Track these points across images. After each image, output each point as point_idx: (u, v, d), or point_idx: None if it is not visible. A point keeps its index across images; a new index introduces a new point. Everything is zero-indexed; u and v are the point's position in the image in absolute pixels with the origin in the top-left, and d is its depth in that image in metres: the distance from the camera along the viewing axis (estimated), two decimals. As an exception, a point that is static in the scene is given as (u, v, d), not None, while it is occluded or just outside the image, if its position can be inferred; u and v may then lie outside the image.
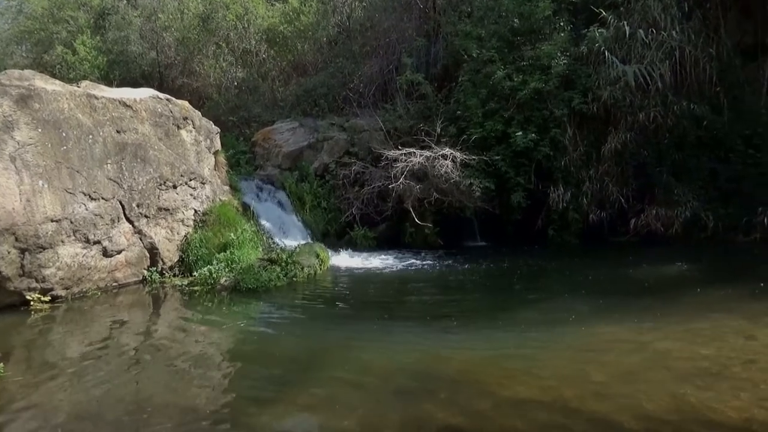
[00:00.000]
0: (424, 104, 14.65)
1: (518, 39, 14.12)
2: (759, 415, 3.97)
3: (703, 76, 13.08)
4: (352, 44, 17.56)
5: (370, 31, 17.47)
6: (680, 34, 12.93)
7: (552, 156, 13.07)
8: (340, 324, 7.26)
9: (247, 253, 10.02)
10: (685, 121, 12.99)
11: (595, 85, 13.06)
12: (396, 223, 13.33)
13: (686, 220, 12.42)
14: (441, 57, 15.67)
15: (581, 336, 6.19)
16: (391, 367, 5.50)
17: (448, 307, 8.07)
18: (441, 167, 12.27)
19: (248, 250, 10.13)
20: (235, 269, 9.33)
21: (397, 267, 11.01)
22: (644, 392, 4.51)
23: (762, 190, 12.44)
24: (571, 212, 12.98)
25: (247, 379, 5.45)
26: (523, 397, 4.61)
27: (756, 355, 5.24)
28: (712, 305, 7.23)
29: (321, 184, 13.76)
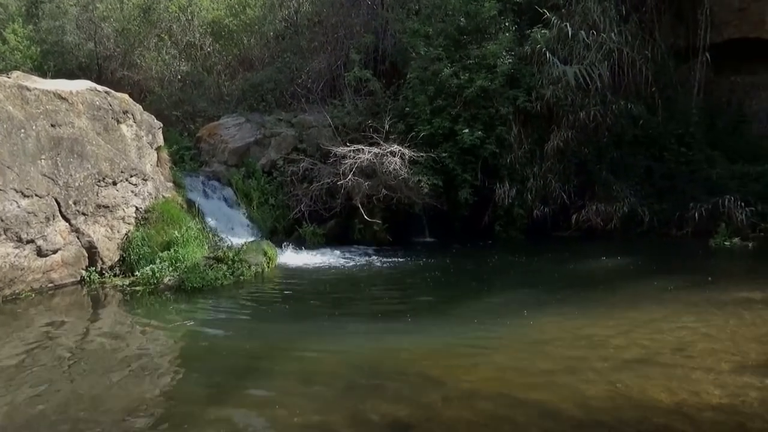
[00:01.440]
0: (373, 101, 14.68)
1: (465, 38, 14.33)
2: (689, 400, 4.18)
3: (640, 77, 13.67)
4: (299, 39, 17.37)
5: (318, 26, 17.33)
6: (618, 36, 13.46)
7: (498, 153, 13.35)
8: (289, 321, 7.18)
9: (192, 251, 9.75)
10: (623, 120, 13.55)
11: (538, 84, 13.43)
12: (345, 219, 13.29)
13: (624, 215, 12.96)
14: (389, 54, 15.73)
15: (527, 328, 6.35)
16: (341, 363, 5.49)
17: (398, 303, 8.12)
18: (390, 164, 12.32)
19: (193, 249, 9.86)
20: (180, 268, 9.06)
21: (347, 263, 10.99)
22: (585, 381, 4.67)
23: (693, 186, 13.15)
24: (516, 208, 13.31)
25: (193, 379, 5.31)
26: (471, 388, 4.69)
27: (687, 343, 5.51)
28: (647, 295, 7.58)
29: (269, 181, 13.54)
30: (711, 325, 6.02)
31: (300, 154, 13.77)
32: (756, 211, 12.20)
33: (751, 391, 4.28)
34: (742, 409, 4.00)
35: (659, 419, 3.94)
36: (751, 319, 6.20)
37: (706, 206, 12.35)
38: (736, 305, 6.78)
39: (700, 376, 4.60)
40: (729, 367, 4.80)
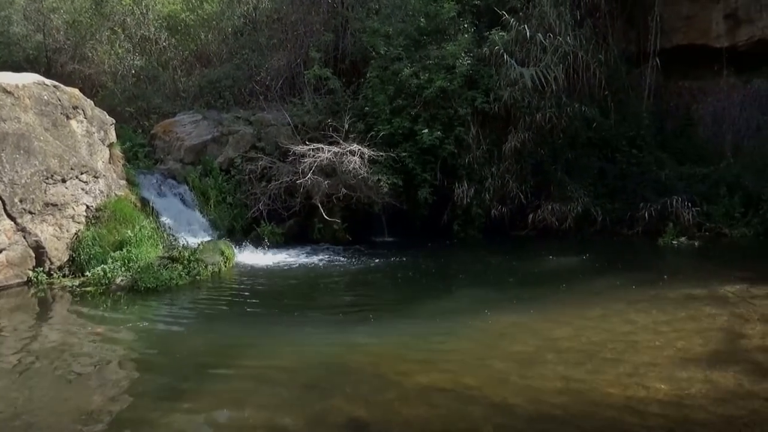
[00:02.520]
0: (333, 99, 14.61)
1: (424, 38, 14.42)
2: (638, 393, 4.32)
3: (593, 81, 14.04)
4: (258, 36, 17.13)
5: (278, 23, 17.12)
6: (573, 40, 13.79)
7: (457, 153, 13.49)
8: (247, 322, 7.09)
9: (146, 251, 9.51)
10: (577, 122, 13.88)
11: (496, 86, 13.62)
12: (304, 218, 13.19)
13: (578, 214, 13.29)
14: (349, 53, 15.67)
15: (484, 325, 6.45)
16: (299, 362, 5.46)
17: (357, 302, 8.13)
18: (349, 163, 12.29)
19: (147, 248, 9.61)
20: (133, 268, 8.83)
21: (306, 263, 10.91)
22: (539, 376, 4.78)
23: (643, 187, 13.60)
24: (474, 208, 13.47)
25: (147, 381, 5.19)
26: (428, 385, 4.74)
27: (636, 338, 5.70)
28: (600, 293, 7.81)
29: (226, 179, 13.31)
30: (658, 321, 6.25)
31: (258, 152, 13.57)
32: (701, 211, 12.72)
33: (695, 383, 4.46)
34: (687, 401, 4.16)
35: (609, 413, 4.07)
36: (696, 314, 6.46)
37: (656, 206, 12.80)
38: (682, 301, 7.05)
39: (647, 371, 4.76)
40: (675, 361, 4.99)
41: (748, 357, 5.04)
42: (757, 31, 15.75)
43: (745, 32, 15.95)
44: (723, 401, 4.12)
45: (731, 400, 4.13)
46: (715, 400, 4.15)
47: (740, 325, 5.99)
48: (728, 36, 16.16)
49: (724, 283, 7.88)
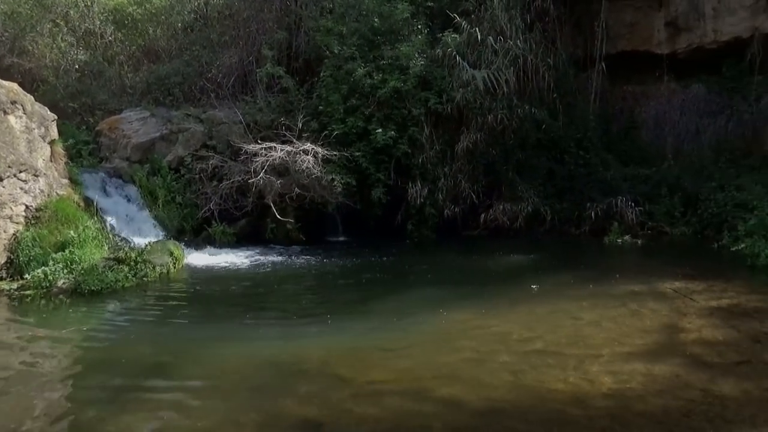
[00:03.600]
0: (286, 98, 14.47)
1: (378, 38, 14.45)
2: (583, 387, 4.46)
3: (543, 84, 14.40)
4: (209, 32, 16.79)
5: (229, 20, 16.83)
6: (523, 44, 14.12)
7: (410, 153, 13.58)
8: (197, 324, 6.92)
9: (90, 252, 9.16)
10: (527, 124, 14.21)
11: (449, 87, 13.79)
12: (257, 218, 13.00)
13: (528, 214, 13.61)
14: (303, 51, 15.56)
15: (436, 324, 6.51)
16: (251, 365, 5.37)
17: (312, 302, 8.08)
18: (302, 162, 12.20)
19: (91, 249, 9.26)
20: (76, 270, 8.49)
21: (259, 264, 10.75)
22: (488, 372, 4.86)
23: (590, 187, 14.05)
24: (428, 207, 13.59)
25: (89, 388, 4.98)
26: (380, 385, 4.75)
27: (582, 334, 5.88)
28: (548, 291, 8.01)
29: (175, 178, 12.98)
30: (603, 317, 6.46)
31: (209, 150, 13.29)
32: (644, 211, 13.24)
33: (637, 376, 4.63)
34: (628, 393, 4.32)
35: (556, 406, 4.17)
36: (638, 310, 6.71)
37: (601, 206, 13.26)
38: (625, 298, 7.31)
39: (591, 364, 4.91)
40: (618, 355, 5.16)
41: (685, 350, 5.26)
42: (695, 39, 16.52)
43: (685, 40, 16.70)
44: (662, 392, 4.30)
45: (669, 391, 4.31)
46: (654, 392, 4.32)
47: (679, 320, 6.26)
48: (669, 43, 16.89)
49: (664, 279, 8.22)
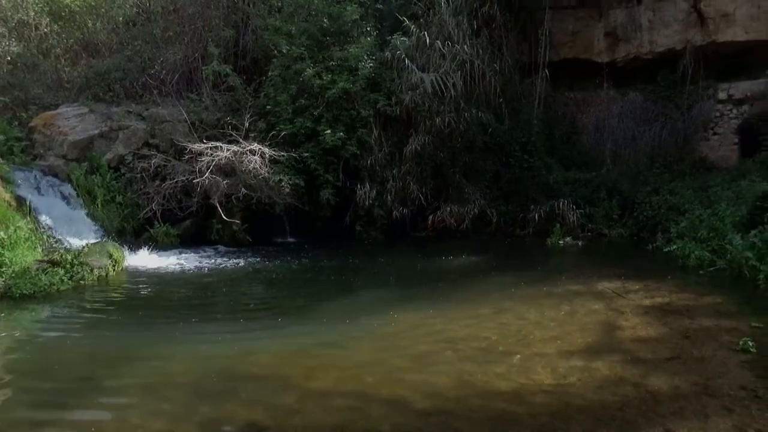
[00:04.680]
0: (233, 97, 14.22)
1: (328, 39, 14.41)
2: (525, 385, 4.57)
3: (489, 88, 14.71)
4: (153, 27, 16.28)
5: (174, 15, 16.37)
6: (471, 49, 14.38)
7: (359, 155, 13.60)
8: (138, 329, 6.68)
9: (22, 254, 8.70)
10: (474, 128, 14.48)
11: (398, 90, 13.90)
12: (202, 219, 12.71)
13: (475, 216, 13.90)
14: (250, 50, 15.32)
15: (384, 325, 6.52)
16: (194, 369, 5.23)
17: (258, 305, 7.94)
18: (249, 162, 12.01)
19: (23, 251, 8.80)
20: (6, 273, 8.06)
21: (204, 265, 10.50)
22: (435, 373, 4.91)
23: (534, 190, 14.45)
24: (376, 209, 13.64)
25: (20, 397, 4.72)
26: (327, 387, 4.73)
27: (525, 333, 6.02)
28: (493, 291, 8.19)
29: (116, 177, 12.54)
30: (546, 316, 6.64)
31: (152, 149, 12.91)
32: (584, 213, 13.73)
33: (576, 372, 4.78)
34: (568, 389, 4.46)
35: (498, 404, 4.26)
36: (577, 309, 6.93)
37: (545, 208, 13.67)
38: (567, 298, 7.55)
39: (534, 363, 5.04)
40: (558, 352, 5.32)
41: (621, 347, 5.48)
42: (632, 49, 17.28)
43: (623, 49, 17.45)
44: (599, 388, 4.46)
45: (606, 387, 4.48)
46: (592, 388, 4.47)
47: (616, 318, 6.51)
48: (608, 52, 17.59)
49: (603, 279, 8.54)
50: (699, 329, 5.98)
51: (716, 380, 4.54)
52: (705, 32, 16.23)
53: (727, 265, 8.84)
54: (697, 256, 9.55)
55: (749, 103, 15.77)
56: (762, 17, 15.41)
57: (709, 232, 10.26)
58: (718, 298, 7.41)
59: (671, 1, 16.58)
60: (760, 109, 15.46)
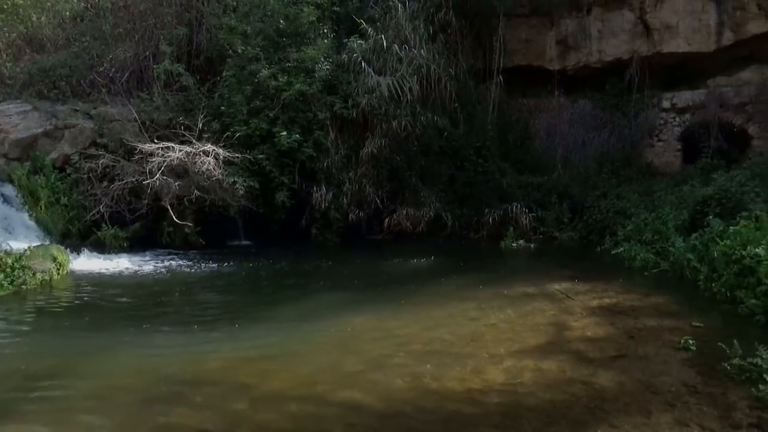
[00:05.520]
0: (186, 97, 13.91)
1: (284, 40, 14.29)
2: (478, 385, 4.64)
3: (445, 93, 14.91)
4: (102, 23, 15.76)
5: (124, 11, 15.90)
6: (427, 53, 14.54)
7: (315, 157, 13.53)
8: (84, 335, 6.43)
9: (-42, 257, 8.30)
10: (430, 131, 14.63)
11: (354, 92, 13.92)
12: (152, 222, 12.38)
13: (430, 219, 14.05)
14: (204, 49, 15.02)
15: (339, 328, 6.49)
16: (144, 376, 5.07)
17: (209, 309, 7.76)
18: (203, 164, 11.78)
19: (-42, 255, 8.39)
20: (-61, 278, 7.66)
21: (154, 269, 10.20)
22: (390, 375, 4.92)
23: (488, 194, 14.72)
24: (332, 212, 13.60)
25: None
26: (281, 391, 4.67)
27: (479, 334, 6.11)
28: (448, 294, 8.27)
29: (60, 178, 12.09)
30: (498, 318, 6.76)
31: (100, 149, 12.50)
32: (537, 217, 14.08)
33: (527, 372, 4.89)
34: (520, 389, 4.54)
35: (453, 405, 4.30)
36: (529, 310, 7.09)
37: (498, 212, 13.95)
38: (519, 299, 7.71)
39: (487, 364, 5.12)
40: (511, 353, 5.42)
41: (571, 347, 5.63)
42: (582, 57, 17.83)
43: (573, 58, 17.98)
44: (549, 387, 4.56)
45: (556, 386, 4.59)
46: (543, 387, 4.58)
47: (566, 319, 6.69)
48: (559, 60, 18.10)
49: (553, 281, 8.75)
50: (644, 329, 6.21)
51: (659, 377, 4.72)
52: (650, 43, 16.91)
53: (670, 267, 9.23)
54: (642, 258, 9.93)
55: (691, 112, 16.51)
56: (702, 30, 16.17)
57: (654, 235, 10.69)
58: (661, 298, 7.72)
59: (619, 12, 17.19)
60: (700, 118, 16.20)
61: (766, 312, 6.18)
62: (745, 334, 5.58)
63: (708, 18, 16.07)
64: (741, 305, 6.69)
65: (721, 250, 7.74)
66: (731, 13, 15.75)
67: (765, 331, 5.91)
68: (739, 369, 4.67)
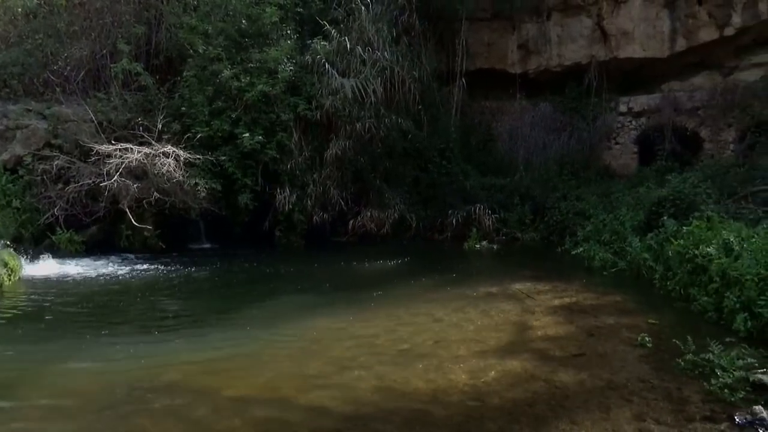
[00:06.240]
0: (145, 97, 13.59)
1: (246, 40, 14.11)
2: (443, 386, 4.67)
3: (409, 95, 14.99)
4: (56, 20, 15.24)
5: (79, 8, 15.42)
6: (391, 56, 14.58)
7: (279, 159, 13.40)
8: (39, 343, 6.21)
9: None
10: (394, 133, 14.68)
11: (318, 94, 13.85)
12: (110, 225, 12.07)
13: (395, 221, 14.10)
14: (164, 48, 14.71)
15: (303, 331, 6.45)
16: (102, 384, 4.93)
17: (170, 315, 7.60)
18: (162, 165, 11.53)
19: None
20: None
21: (112, 274, 9.93)
22: (354, 378, 4.91)
23: (452, 196, 14.86)
24: (296, 214, 13.50)
25: None
26: (244, 397, 4.60)
27: (443, 335, 6.16)
28: (413, 295, 8.31)
29: (12, 180, 11.67)
30: (462, 318, 6.83)
31: (54, 150, 12.11)
32: (500, 218, 14.28)
33: (491, 371, 4.95)
34: (483, 388, 4.60)
35: (418, 406, 4.32)
36: (492, 310, 7.18)
37: (462, 213, 14.10)
38: (482, 299, 7.81)
39: (451, 364, 5.16)
40: (474, 353, 5.48)
41: (532, 345, 5.73)
42: (543, 61, 18.20)
43: (534, 62, 18.33)
44: (512, 386, 4.64)
45: (519, 384, 4.66)
46: (506, 385, 4.64)
47: (528, 318, 6.80)
48: (521, 64, 18.43)
49: (516, 281, 8.90)
50: (603, 327, 6.37)
51: (617, 374, 4.84)
52: (608, 48, 17.37)
53: (628, 266, 9.49)
54: (601, 258, 10.18)
55: (646, 116, 17.03)
56: (657, 36, 16.71)
57: (612, 236, 10.97)
58: (619, 297, 7.94)
59: (577, 18, 17.62)
60: (655, 122, 16.73)
61: (717, 309, 6.42)
62: (698, 331, 5.79)
63: (662, 25, 16.62)
64: (694, 303, 6.93)
65: (675, 250, 8.01)
66: (683, 21, 16.33)
67: (717, 327, 6.13)
68: (692, 364, 4.84)
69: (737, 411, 4.00)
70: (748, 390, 4.31)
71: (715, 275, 6.73)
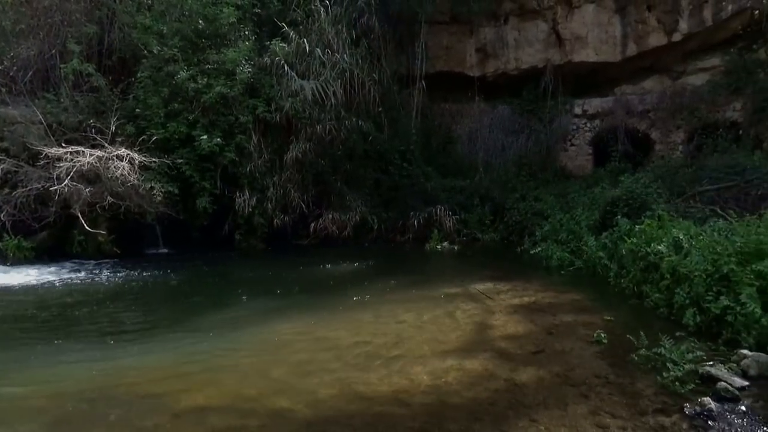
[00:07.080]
0: (97, 98, 13.17)
1: (203, 41, 13.86)
2: (404, 387, 4.68)
3: (369, 97, 15.00)
4: (1, 18, 14.66)
5: (26, 6, 14.85)
6: (350, 58, 14.57)
7: (238, 161, 13.21)
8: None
9: None
10: (355, 136, 14.68)
11: (277, 96, 13.72)
12: (61, 230, 11.63)
13: (357, 223, 14.07)
14: (117, 48, 14.29)
15: (264, 336, 6.37)
16: (53, 395, 4.74)
17: (126, 322, 7.38)
18: (116, 169, 11.21)
19: None
20: None
21: (64, 281, 9.59)
22: (317, 382, 4.87)
23: (413, 197, 14.95)
24: (257, 217, 13.32)
25: None
26: (204, 404, 4.50)
27: (404, 336, 6.18)
28: (375, 297, 8.30)
29: (-46, 185, 11.12)
30: (423, 319, 6.86)
31: (0, 153, 11.59)
32: (460, 219, 14.45)
33: (452, 372, 4.98)
34: (444, 388, 4.63)
35: (380, 407, 4.32)
36: (453, 310, 7.25)
37: (423, 215, 14.21)
38: (443, 300, 7.88)
39: (413, 365, 5.18)
40: (436, 354, 5.51)
41: (493, 345, 5.80)
42: (501, 64, 18.51)
43: (492, 65, 18.63)
44: (473, 385, 4.68)
45: (479, 383, 4.71)
46: (467, 385, 4.69)
47: (488, 318, 6.89)
48: (479, 67, 18.70)
49: (476, 281, 9.01)
50: (561, 324, 6.50)
51: (575, 370, 4.95)
52: (563, 52, 17.81)
53: (584, 265, 9.73)
54: (558, 257, 10.41)
55: (600, 118, 17.53)
56: (609, 41, 17.22)
57: (569, 235, 11.23)
58: (576, 295, 8.12)
59: (533, 23, 18.00)
60: (609, 124, 17.24)
61: (668, 305, 6.63)
62: (651, 326, 5.97)
63: (614, 30, 17.14)
64: (647, 299, 7.15)
65: (628, 248, 8.25)
66: (634, 26, 16.89)
67: (668, 322, 6.35)
68: (645, 359, 4.99)
69: (687, 403, 4.15)
70: (697, 382, 4.47)
71: (666, 272, 6.95)
